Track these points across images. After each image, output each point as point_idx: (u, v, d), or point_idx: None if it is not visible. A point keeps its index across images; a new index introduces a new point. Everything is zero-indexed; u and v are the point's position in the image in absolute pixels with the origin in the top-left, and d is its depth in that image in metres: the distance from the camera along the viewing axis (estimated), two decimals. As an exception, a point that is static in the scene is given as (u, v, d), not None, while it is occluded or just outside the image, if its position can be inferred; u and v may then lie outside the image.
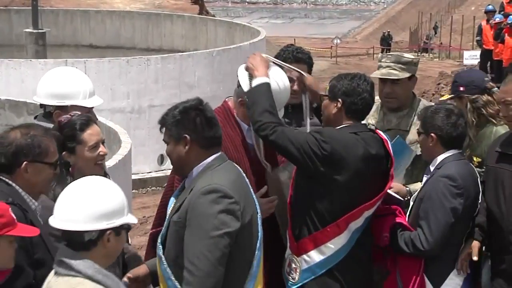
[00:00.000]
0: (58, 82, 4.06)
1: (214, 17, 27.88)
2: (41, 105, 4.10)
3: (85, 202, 2.80)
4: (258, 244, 3.31)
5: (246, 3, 75.26)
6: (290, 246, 3.88)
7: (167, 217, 3.36)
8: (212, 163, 3.28)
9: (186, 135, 3.27)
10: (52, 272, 2.88)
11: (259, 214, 3.38)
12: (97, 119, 3.71)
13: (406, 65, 4.38)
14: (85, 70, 12.71)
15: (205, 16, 25.07)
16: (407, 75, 4.37)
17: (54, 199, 3.40)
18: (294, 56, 4.42)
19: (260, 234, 3.35)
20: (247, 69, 3.86)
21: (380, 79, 4.41)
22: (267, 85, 3.75)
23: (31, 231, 2.95)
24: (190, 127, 3.28)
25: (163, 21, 21.31)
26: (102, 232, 2.81)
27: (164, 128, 3.35)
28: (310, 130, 4.02)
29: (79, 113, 3.70)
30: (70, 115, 3.65)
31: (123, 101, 13.95)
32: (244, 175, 3.43)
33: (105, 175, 3.69)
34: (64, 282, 2.79)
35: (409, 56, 4.51)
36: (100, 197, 2.83)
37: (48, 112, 4.05)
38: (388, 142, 3.91)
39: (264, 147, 3.93)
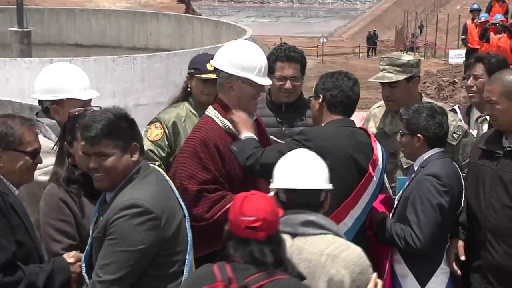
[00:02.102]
0: (53, 76, 4.11)
1: (200, 15, 27.83)
2: (39, 102, 4.14)
3: (319, 166, 3.09)
4: (188, 249, 3.24)
5: (232, 2, 75.14)
6: None
7: (90, 233, 3.26)
8: (134, 175, 3.16)
9: (136, 143, 3.19)
10: (287, 238, 2.89)
11: (187, 217, 3.30)
12: None
13: (402, 67, 4.34)
14: (70, 69, 12.62)
15: (191, 15, 25.04)
16: (402, 77, 4.33)
17: (57, 178, 3.48)
18: (286, 55, 4.41)
19: (189, 238, 3.27)
20: (232, 121, 3.80)
21: (380, 82, 4.40)
22: (255, 139, 3.78)
23: None
24: (135, 135, 3.21)
25: (149, 19, 21.26)
26: (327, 192, 3.08)
27: (101, 140, 3.10)
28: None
29: (99, 108, 3.60)
30: (85, 110, 3.60)
31: (109, 100, 13.85)
32: (168, 180, 3.34)
33: None
34: (319, 239, 2.96)
35: (405, 57, 4.45)
36: (322, 162, 3.13)
37: (46, 107, 4.08)
38: (375, 138, 3.94)
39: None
